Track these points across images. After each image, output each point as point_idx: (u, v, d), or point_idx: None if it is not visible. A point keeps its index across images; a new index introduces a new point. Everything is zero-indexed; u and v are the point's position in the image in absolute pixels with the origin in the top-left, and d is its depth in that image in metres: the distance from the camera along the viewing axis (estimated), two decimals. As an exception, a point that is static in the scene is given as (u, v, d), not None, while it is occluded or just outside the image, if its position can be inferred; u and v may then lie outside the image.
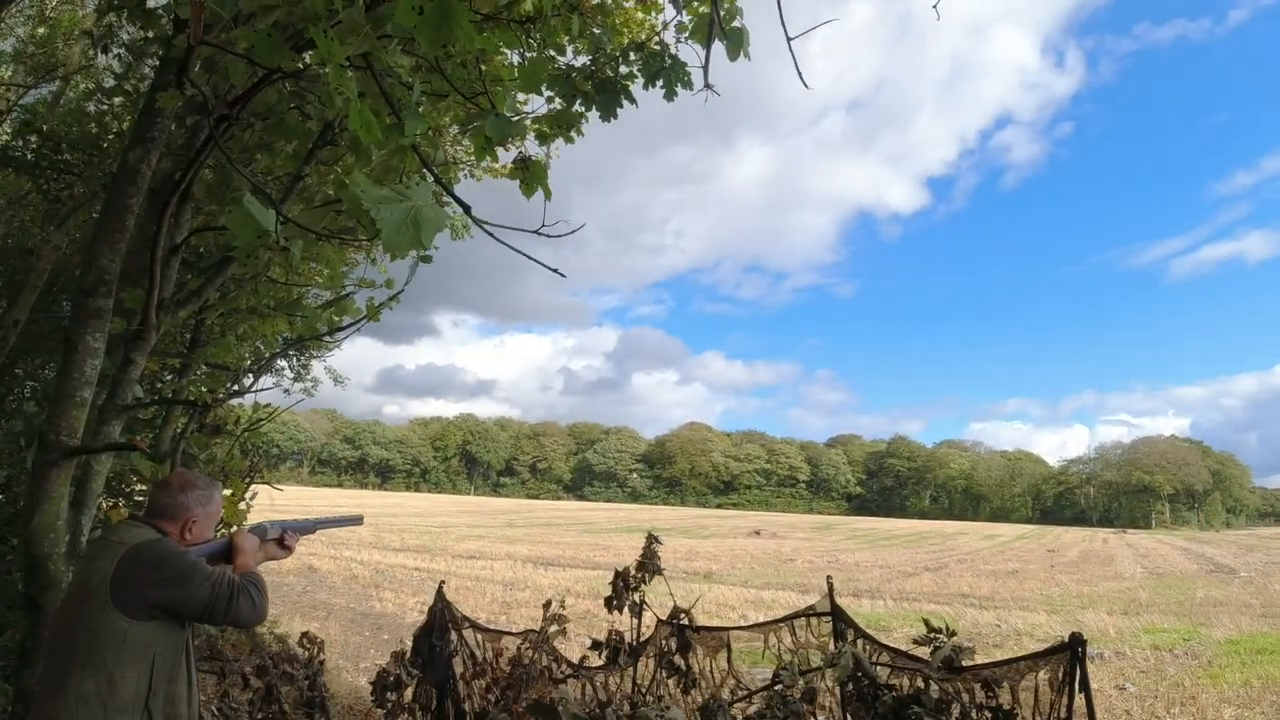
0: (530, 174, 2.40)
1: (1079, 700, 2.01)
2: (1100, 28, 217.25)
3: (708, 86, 2.81)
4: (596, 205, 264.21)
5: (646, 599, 3.66)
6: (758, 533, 45.05)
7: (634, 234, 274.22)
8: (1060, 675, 2.02)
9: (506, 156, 2.82)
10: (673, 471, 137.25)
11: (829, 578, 3.12)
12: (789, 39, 2.37)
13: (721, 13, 3.20)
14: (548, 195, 2.40)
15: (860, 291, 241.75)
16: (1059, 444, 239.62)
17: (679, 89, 2.78)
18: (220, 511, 2.63)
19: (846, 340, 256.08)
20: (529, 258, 2.48)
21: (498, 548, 26.18)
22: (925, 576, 21.11)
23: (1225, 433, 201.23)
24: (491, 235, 2.46)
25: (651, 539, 3.52)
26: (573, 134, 3.69)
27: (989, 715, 2.12)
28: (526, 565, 20.80)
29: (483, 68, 2.56)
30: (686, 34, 2.99)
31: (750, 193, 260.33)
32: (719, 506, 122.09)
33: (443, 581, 5.72)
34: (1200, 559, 29.96)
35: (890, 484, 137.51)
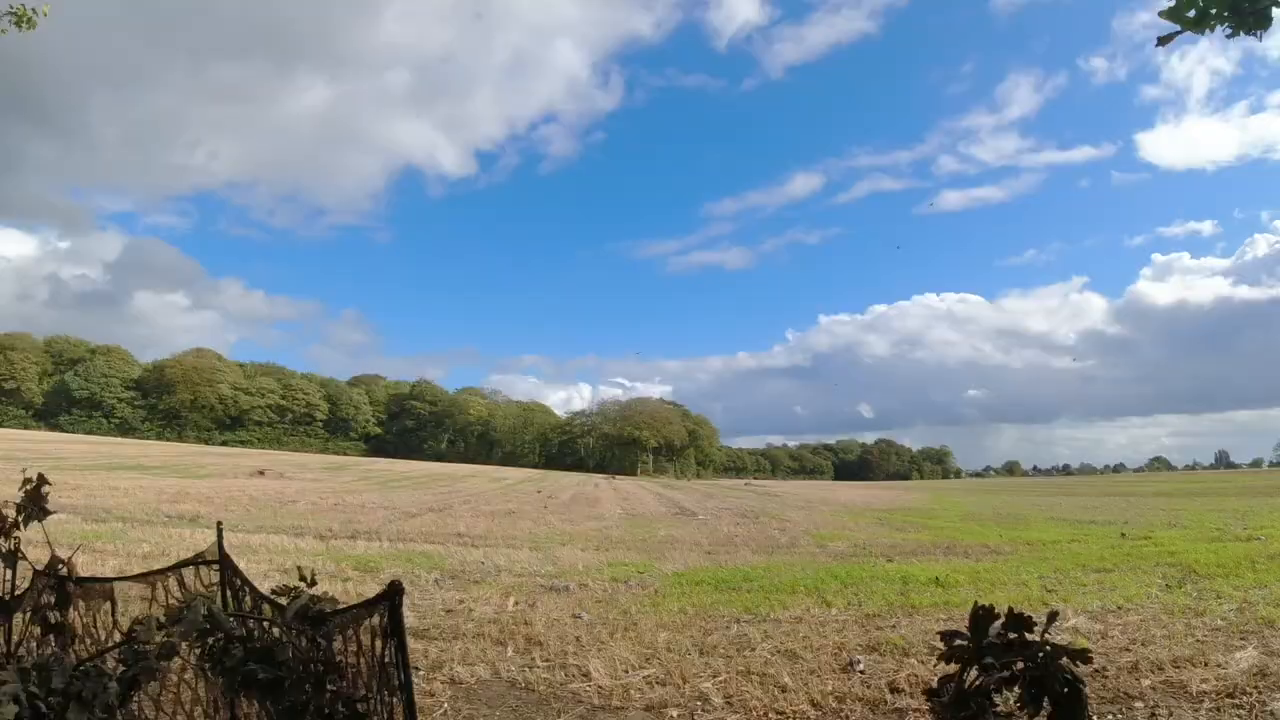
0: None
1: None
2: (639, 62, 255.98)
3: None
4: (120, 107, 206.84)
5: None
6: (262, 472, 41.50)
7: (162, 142, 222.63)
8: (381, 622, 2.22)
9: None
10: (171, 402, 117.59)
11: (219, 523, 2.90)
12: None
13: None
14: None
15: (397, 239, 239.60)
16: (565, 398, 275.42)
17: None
18: None
19: (378, 285, 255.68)
20: None
21: (-75, 484, 19.08)
22: (428, 517, 21.87)
23: (699, 400, 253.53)
24: None
25: (40, 479, 2.86)
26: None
27: (322, 666, 2.20)
28: (-34, 508, 15.49)
29: None
30: None
31: (301, 123, 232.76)
32: (224, 443, 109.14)
33: None
34: (669, 503, 34.51)
35: (411, 425, 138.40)
